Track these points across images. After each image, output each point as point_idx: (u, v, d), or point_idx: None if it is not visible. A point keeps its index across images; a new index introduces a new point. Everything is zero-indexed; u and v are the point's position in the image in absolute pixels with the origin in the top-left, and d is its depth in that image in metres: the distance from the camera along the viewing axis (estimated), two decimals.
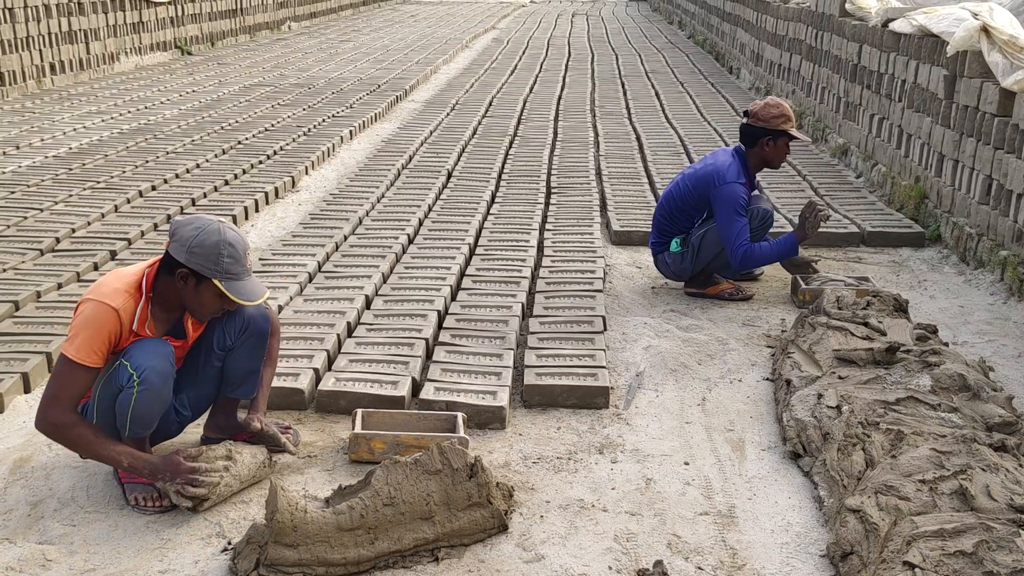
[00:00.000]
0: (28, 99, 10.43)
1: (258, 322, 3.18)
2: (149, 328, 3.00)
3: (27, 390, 3.84)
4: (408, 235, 5.71)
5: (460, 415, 3.36)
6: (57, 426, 2.90)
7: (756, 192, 4.99)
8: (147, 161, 7.50)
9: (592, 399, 3.70)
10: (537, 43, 16.83)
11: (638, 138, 8.67)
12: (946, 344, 3.86)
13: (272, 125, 9.09)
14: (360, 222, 6.04)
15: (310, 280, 5.00)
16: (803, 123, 9.12)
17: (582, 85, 11.96)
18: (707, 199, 4.72)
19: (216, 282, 2.91)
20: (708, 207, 4.76)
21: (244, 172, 7.31)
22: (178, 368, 3.12)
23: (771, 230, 5.02)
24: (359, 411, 3.37)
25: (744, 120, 4.74)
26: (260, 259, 5.27)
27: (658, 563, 2.68)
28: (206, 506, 2.97)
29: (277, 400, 3.60)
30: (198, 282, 2.94)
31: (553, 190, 6.89)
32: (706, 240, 4.74)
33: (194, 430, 3.42)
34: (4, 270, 5.02)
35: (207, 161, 7.60)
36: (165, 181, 6.94)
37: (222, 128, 8.90)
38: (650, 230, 5.11)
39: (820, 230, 5.69)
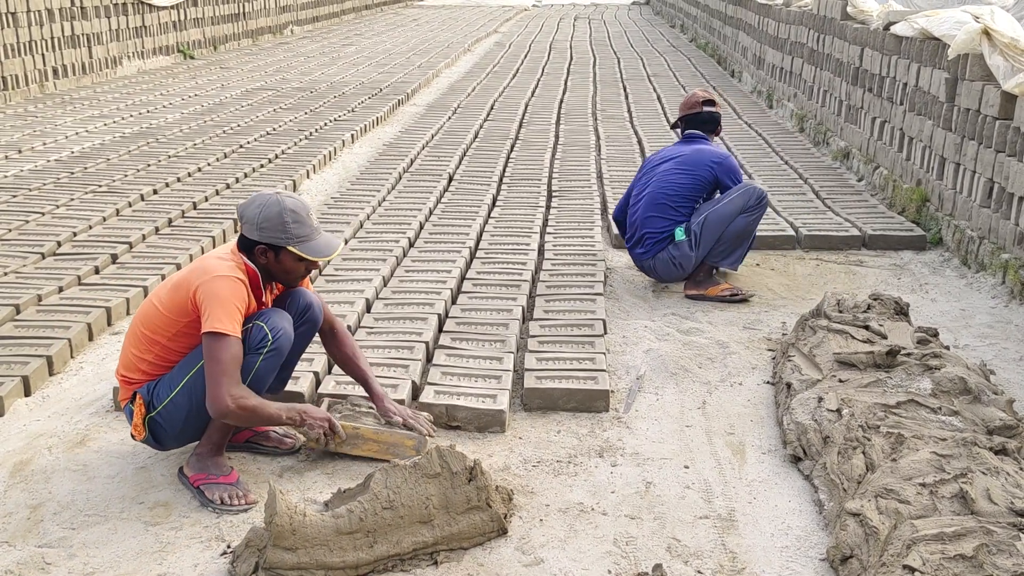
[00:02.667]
0: (30, 103, 10.45)
1: (315, 311, 3.33)
2: (267, 299, 3.20)
3: (27, 393, 3.84)
4: (409, 238, 5.71)
5: (418, 437, 3.29)
6: (238, 399, 2.94)
7: None
8: (149, 165, 7.51)
9: (592, 403, 3.70)
10: (539, 47, 16.84)
11: (639, 142, 8.67)
12: (947, 347, 3.85)
13: (274, 129, 9.10)
14: (361, 225, 6.05)
15: (311, 283, 5.00)
16: (805, 126, 9.12)
17: (584, 88, 11.97)
18: (707, 181, 4.90)
19: (291, 248, 3.07)
20: (706, 192, 4.93)
21: (246, 176, 7.32)
22: None
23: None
24: (326, 399, 3.46)
25: (709, 109, 5.07)
26: None
27: (658, 567, 2.67)
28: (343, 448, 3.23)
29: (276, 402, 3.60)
30: (276, 253, 3.11)
31: (554, 193, 6.89)
32: (707, 224, 4.82)
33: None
34: (5, 273, 5.03)
35: (209, 165, 7.61)
36: (167, 185, 6.94)
37: (224, 132, 8.92)
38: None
39: (820, 233, 5.76)
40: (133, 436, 3.17)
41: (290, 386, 3.66)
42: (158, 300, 3.11)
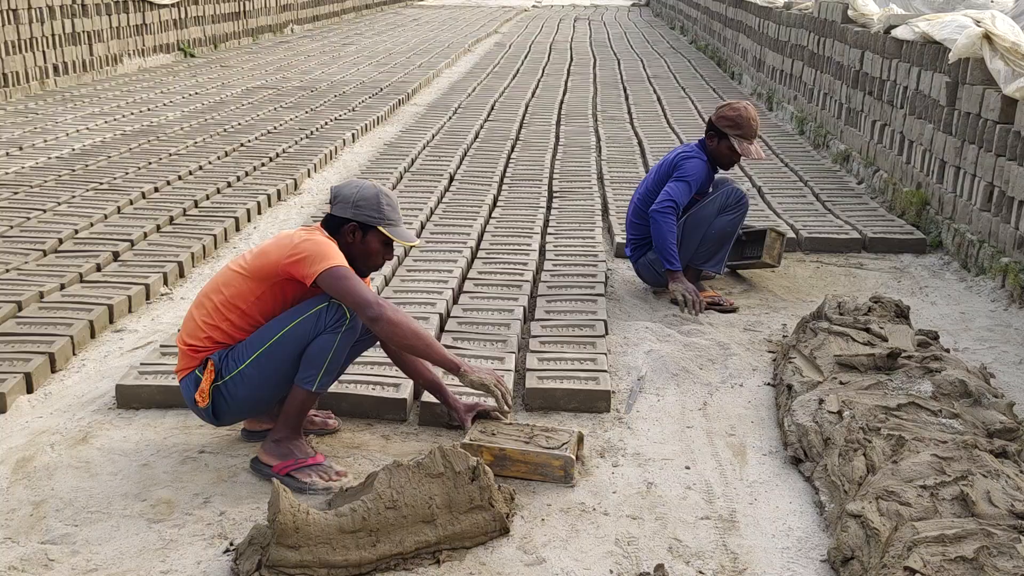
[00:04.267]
0: (31, 100, 10.45)
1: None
2: None
3: (29, 390, 3.85)
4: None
5: (577, 433, 3.33)
6: (395, 310, 3.03)
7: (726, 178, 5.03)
8: (150, 163, 7.52)
9: (593, 403, 3.70)
10: (539, 47, 16.85)
11: (640, 143, 8.69)
12: (947, 350, 3.86)
13: (274, 128, 9.10)
14: None
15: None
16: (805, 129, 9.13)
17: (584, 89, 11.98)
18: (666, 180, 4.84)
19: (381, 228, 3.16)
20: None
21: (247, 174, 7.32)
22: None
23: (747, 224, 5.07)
24: (470, 418, 3.39)
25: (714, 119, 4.84)
26: None
27: (659, 567, 2.68)
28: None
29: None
30: (364, 233, 3.18)
31: (555, 194, 6.90)
32: (687, 226, 4.79)
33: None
34: (7, 270, 5.03)
35: (209, 163, 7.61)
36: (168, 183, 6.95)
37: (225, 130, 8.92)
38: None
39: (821, 236, 5.77)
40: (196, 403, 3.15)
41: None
42: (238, 267, 3.17)
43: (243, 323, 3.14)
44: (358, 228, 3.18)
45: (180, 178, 7.12)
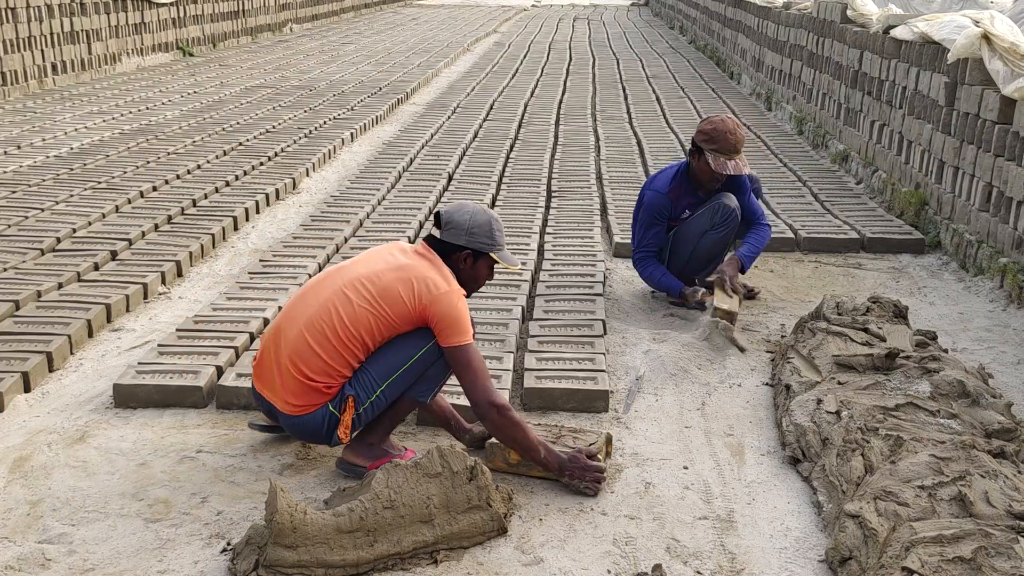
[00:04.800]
0: (30, 99, 10.44)
1: None
2: None
3: (27, 389, 3.84)
4: (409, 237, 5.71)
5: (605, 434, 3.33)
6: (504, 407, 3.05)
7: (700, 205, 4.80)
8: (148, 162, 7.51)
9: (592, 403, 3.70)
10: (538, 47, 16.85)
11: (639, 142, 8.69)
12: (945, 350, 3.86)
13: (273, 127, 9.10)
14: (361, 224, 6.05)
15: None
16: (804, 129, 9.14)
17: (583, 89, 11.98)
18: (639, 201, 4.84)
19: (492, 254, 3.24)
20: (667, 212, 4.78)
21: (245, 173, 7.32)
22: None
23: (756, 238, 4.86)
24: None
25: (696, 137, 4.70)
26: (260, 260, 5.28)
27: (657, 567, 2.68)
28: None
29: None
30: (475, 259, 3.24)
31: (554, 194, 6.90)
32: (675, 239, 4.76)
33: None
34: (5, 269, 5.02)
35: (208, 162, 7.61)
36: (166, 182, 6.94)
37: (223, 129, 8.91)
38: None
39: (819, 236, 5.78)
40: (340, 440, 3.11)
41: None
42: (365, 301, 3.07)
43: (363, 354, 3.12)
44: (471, 255, 3.23)
45: (178, 177, 7.11)
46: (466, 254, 3.22)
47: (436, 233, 3.25)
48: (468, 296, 3.27)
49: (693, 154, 4.66)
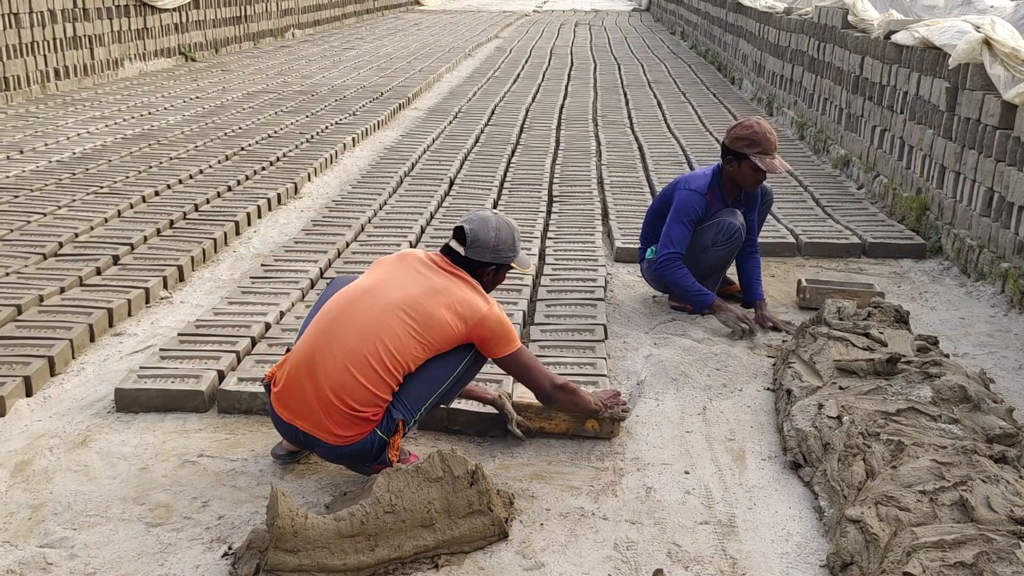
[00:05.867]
0: (32, 104, 10.46)
1: None
2: None
3: (29, 393, 3.84)
4: (410, 242, 5.72)
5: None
6: (565, 386, 3.29)
7: (731, 207, 4.76)
8: (150, 166, 7.52)
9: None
10: (540, 52, 16.87)
11: (640, 148, 8.69)
12: (947, 355, 3.86)
13: (275, 132, 9.11)
14: (362, 229, 6.06)
15: (312, 286, 5.01)
16: (805, 134, 9.14)
17: (584, 94, 11.99)
18: (663, 206, 4.77)
19: (512, 263, 3.33)
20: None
21: (247, 178, 7.33)
22: None
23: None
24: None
25: (727, 142, 4.62)
26: (262, 265, 5.29)
27: (658, 572, 2.68)
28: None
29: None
30: (497, 271, 3.31)
31: (555, 199, 6.90)
32: None
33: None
34: (7, 274, 5.03)
35: (210, 167, 7.62)
36: (168, 187, 6.95)
37: (225, 134, 8.93)
38: None
39: (821, 241, 5.78)
40: (391, 462, 3.07)
41: None
42: (408, 326, 3.04)
43: (402, 376, 3.08)
44: (495, 269, 3.29)
45: (180, 182, 7.12)
46: (491, 269, 3.28)
47: (460, 250, 3.21)
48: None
49: (731, 162, 4.57)
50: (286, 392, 3.08)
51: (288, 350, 3.19)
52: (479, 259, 3.21)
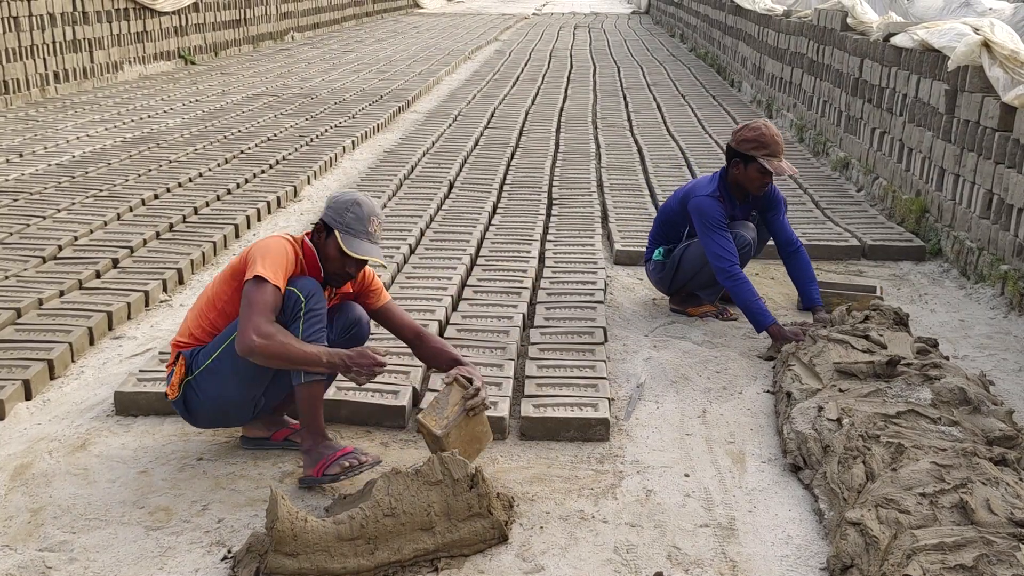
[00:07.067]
0: (32, 107, 10.46)
1: (363, 328, 3.40)
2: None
3: (28, 397, 3.84)
4: (409, 245, 5.72)
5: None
6: (265, 336, 2.94)
7: (743, 219, 4.74)
8: (150, 170, 7.52)
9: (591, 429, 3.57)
10: (539, 55, 16.88)
11: (639, 150, 8.69)
12: (946, 358, 3.86)
13: (275, 135, 9.11)
14: None
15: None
16: (804, 136, 9.15)
17: (584, 97, 12.00)
18: (675, 212, 4.75)
19: (336, 233, 3.13)
20: (690, 222, 4.69)
21: (247, 181, 7.33)
22: None
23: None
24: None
25: (732, 144, 4.61)
26: None
27: (658, 575, 2.68)
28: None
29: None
30: (327, 235, 3.18)
31: (554, 201, 6.91)
32: (687, 255, 4.67)
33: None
34: (6, 277, 5.03)
35: (210, 170, 7.62)
36: (168, 190, 6.95)
37: (225, 137, 8.93)
38: None
39: (820, 243, 5.78)
40: (167, 396, 3.22)
41: None
42: (223, 271, 3.22)
43: (220, 321, 3.19)
44: (324, 229, 3.19)
45: (180, 185, 7.12)
46: (320, 225, 3.19)
47: None
48: (329, 285, 3.23)
49: (737, 164, 4.54)
50: None
51: None
52: (323, 216, 3.20)
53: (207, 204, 6.63)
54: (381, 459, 3.23)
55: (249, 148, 8.47)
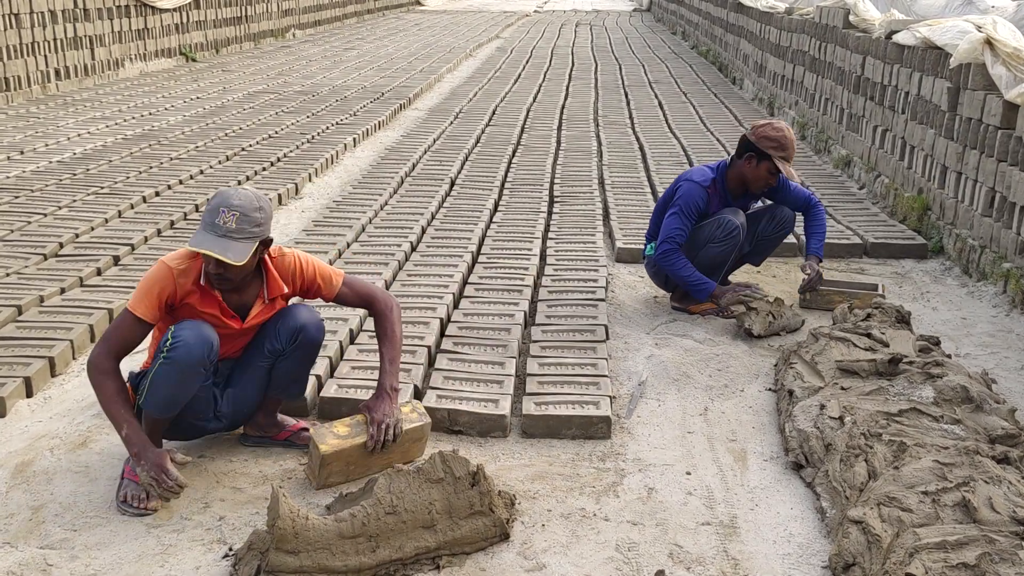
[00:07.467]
0: (33, 104, 10.46)
1: (310, 332, 3.27)
2: (199, 296, 3.09)
3: (29, 394, 3.84)
4: (411, 243, 5.71)
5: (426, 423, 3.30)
6: (92, 366, 3.00)
7: (738, 208, 4.75)
8: (151, 167, 7.52)
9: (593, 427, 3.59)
10: (541, 52, 16.86)
11: (641, 148, 8.68)
12: (949, 356, 3.86)
13: (276, 132, 9.11)
14: (363, 229, 6.05)
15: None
16: (806, 134, 9.14)
17: (585, 94, 11.99)
18: (667, 199, 4.76)
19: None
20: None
21: (247, 179, 7.32)
22: (233, 359, 3.26)
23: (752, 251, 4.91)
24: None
25: (748, 137, 4.61)
26: None
27: (660, 573, 2.68)
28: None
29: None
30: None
31: (556, 199, 6.90)
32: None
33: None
34: (7, 274, 5.03)
35: (211, 167, 7.62)
36: (168, 187, 6.95)
37: (226, 135, 8.92)
38: None
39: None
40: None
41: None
42: None
43: (154, 346, 3.16)
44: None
45: (181, 182, 7.12)
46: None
47: None
48: (222, 290, 3.09)
49: (751, 159, 4.56)
50: None
51: None
52: None
53: (208, 201, 6.60)
54: (149, 513, 3.01)
55: (250, 145, 8.46)
